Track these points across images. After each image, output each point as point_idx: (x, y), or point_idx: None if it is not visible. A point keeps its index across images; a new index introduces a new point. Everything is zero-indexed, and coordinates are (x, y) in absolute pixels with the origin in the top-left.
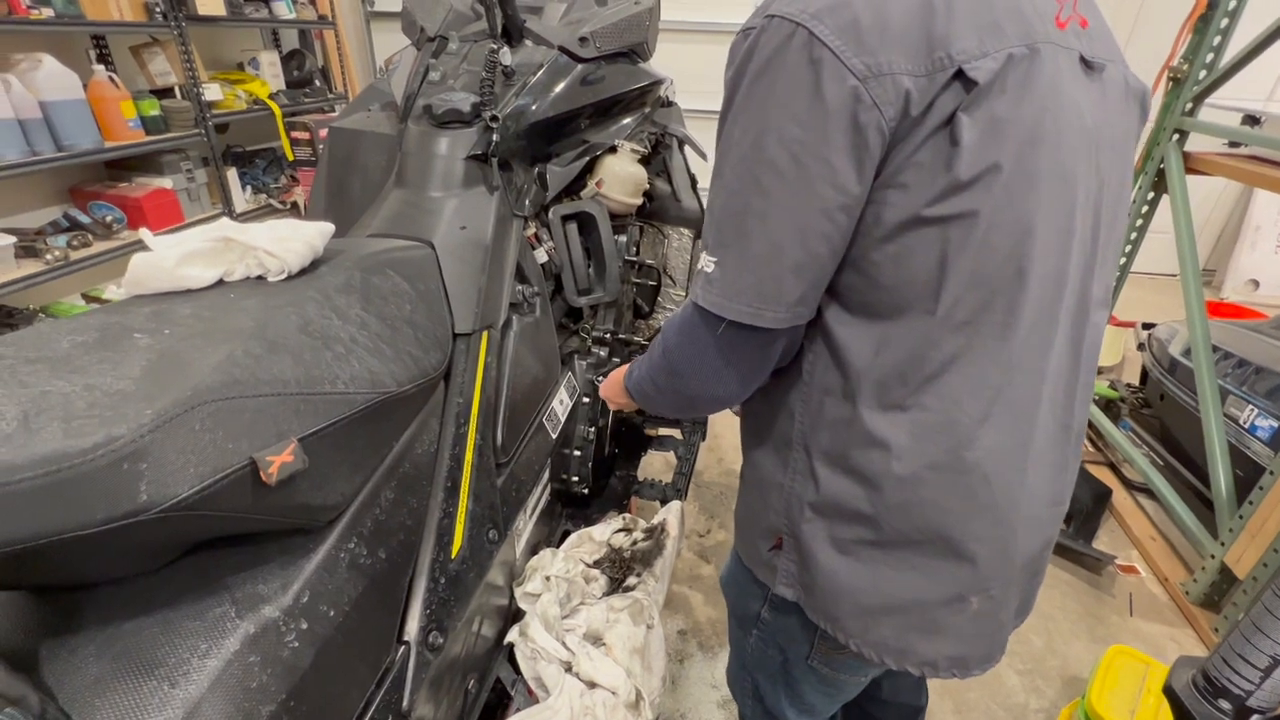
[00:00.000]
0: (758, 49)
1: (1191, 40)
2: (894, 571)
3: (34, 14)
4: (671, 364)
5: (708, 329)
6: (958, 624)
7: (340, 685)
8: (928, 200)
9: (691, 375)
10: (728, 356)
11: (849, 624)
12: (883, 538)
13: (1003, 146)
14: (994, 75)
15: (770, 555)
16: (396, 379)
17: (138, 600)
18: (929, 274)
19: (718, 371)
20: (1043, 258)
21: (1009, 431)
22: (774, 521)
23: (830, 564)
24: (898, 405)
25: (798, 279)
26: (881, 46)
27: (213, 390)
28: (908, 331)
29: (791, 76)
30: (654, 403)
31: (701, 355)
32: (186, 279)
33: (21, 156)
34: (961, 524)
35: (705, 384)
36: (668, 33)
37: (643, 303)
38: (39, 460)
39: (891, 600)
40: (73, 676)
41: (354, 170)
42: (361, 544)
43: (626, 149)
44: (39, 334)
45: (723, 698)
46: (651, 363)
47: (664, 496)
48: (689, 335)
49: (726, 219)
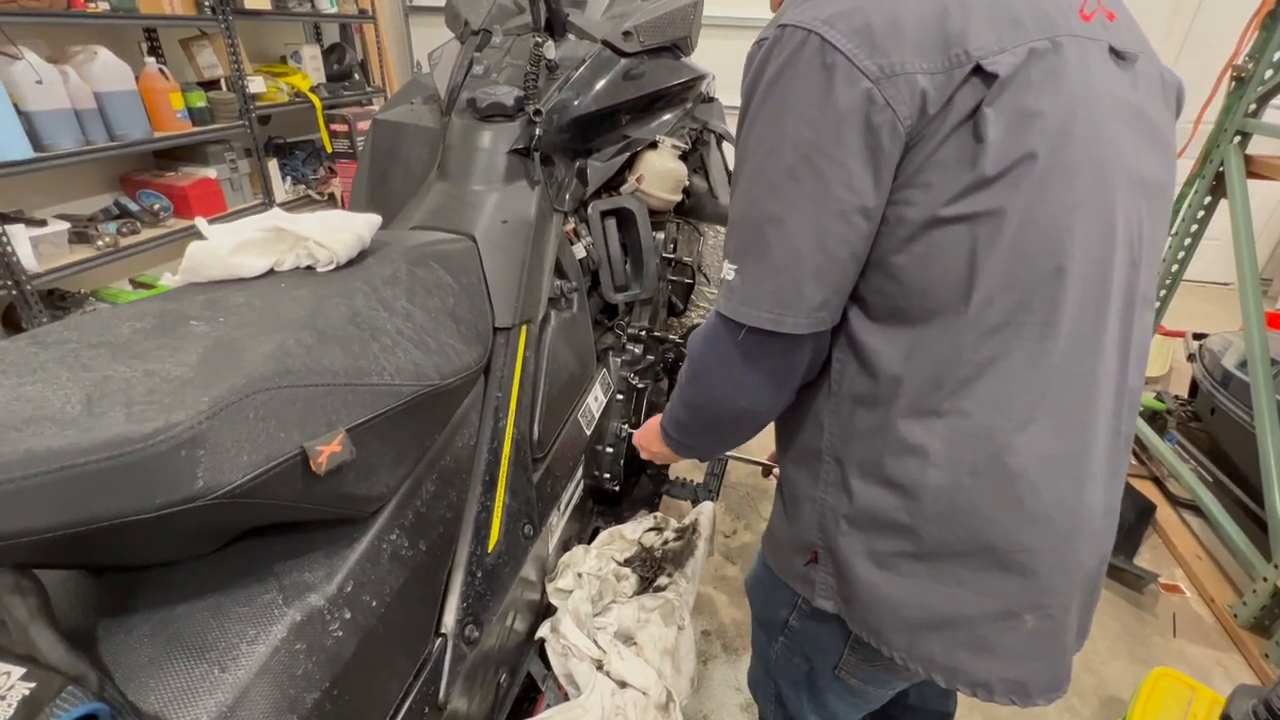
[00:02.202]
0: (771, 58)
1: (1258, 38)
2: (937, 585)
3: (91, 7)
4: (698, 377)
5: (730, 337)
6: (1011, 643)
7: (381, 675)
8: (951, 198)
9: (718, 388)
10: (752, 365)
11: (893, 638)
12: (923, 549)
13: (1033, 139)
14: (1015, 69)
15: (806, 569)
16: (440, 372)
17: (189, 584)
18: (958, 274)
19: (743, 382)
20: (1083, 254)
21: (1059, 437)
22: (808, 536)
23: (869, 578)
24: (933, 411)
25: (818, 284)
26: (895, 47)
27: (266, 379)
28: (940, 335)
29: (805, 82)
30: (687, 433)
31: (726, 365)
32: (239, 268)
33: (76, 145)
34: (1008, 534)
35: (733, 396)
36: (707, 28)
37: (677, 300)
38: (103, 444)
39: (936, 615)
40: (128, 656)
41: (396, 162)
42: (403, 536)
43: (667, 145)
44: (100, 320)
45: (746, 700)
46: (680, 387)
47: (695, 496)
48: (713, 345)
49: (745, 226)
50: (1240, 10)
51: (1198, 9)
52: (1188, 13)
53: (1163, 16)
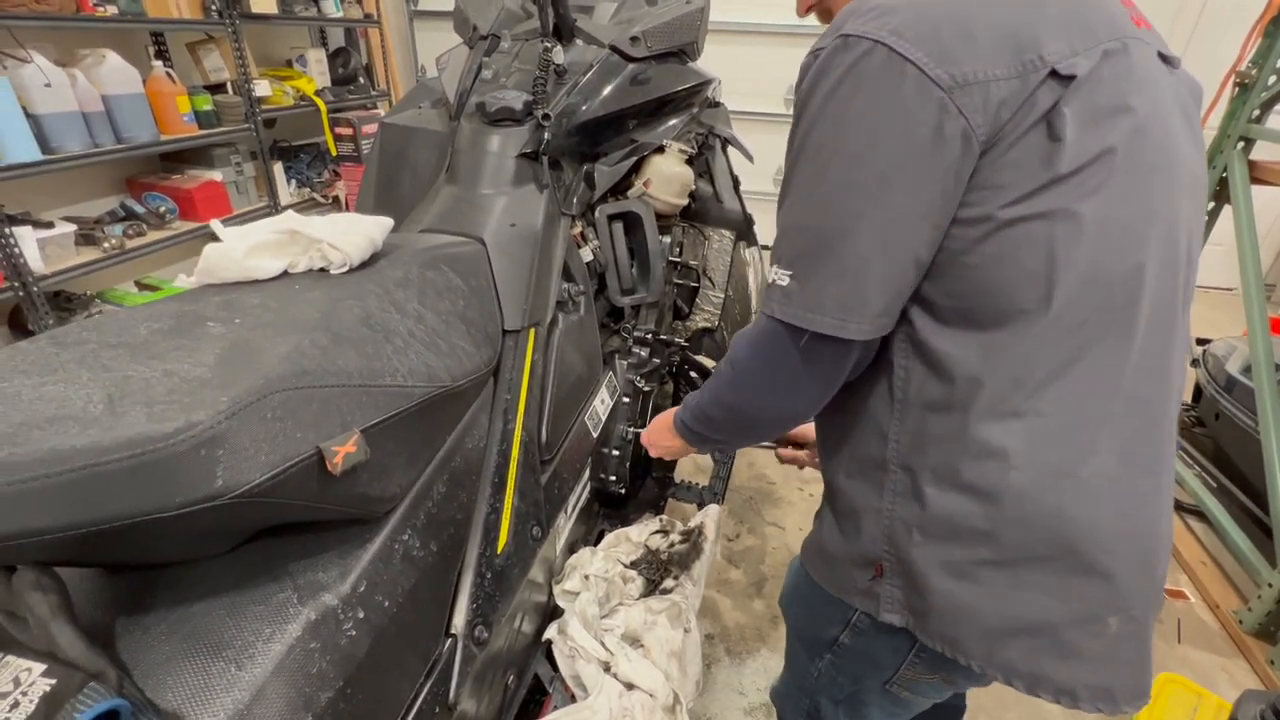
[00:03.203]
0: (832, 67)
1: (1261, 44)
2: (1018, 591)
3: (99, 11)
4: (745, 381)
5: (789, 342)
6: (1097, 648)
7: (393, 675)
8: (1025, 196)
9: (767, 391)
10: (806, 370)
11: (971, 646)
12: (1003, 556)
13: (1111, 136)
14: (1091, 70)
15: (871, 584)
16: (451, 373)
17: (206, 583)
18: (1036, 273)
19: (793, 386)
20: (1158, 249)
21: (1138, 435)
22: (871, 549)
23: (945, 588)
24: (1013, 413)
25: (881, 291)
26: (967, 57)
27: (283, 379)
28: (1018, 335)
29: (873, 92)
30: (715, 429)
31: (778, 370)
32: (254, 269)
33: (84, 148)
34: (1092, 535)
35: (780, 399)
36: (714, 33)
37: (682, 304)
38: (125, 443)
39: (1017, 621)
40: (146, 654)
41: (404, 166)
42: (415, 536)
43: (674, 149)
44: (118, 320)
45: (749, 704)
46: (716, 387)
47: (700, 500)
48: (766, 350)
49: (805, 233)
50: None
51: (1200, 15)
52: (1190, 19)
53: (1165, 23)
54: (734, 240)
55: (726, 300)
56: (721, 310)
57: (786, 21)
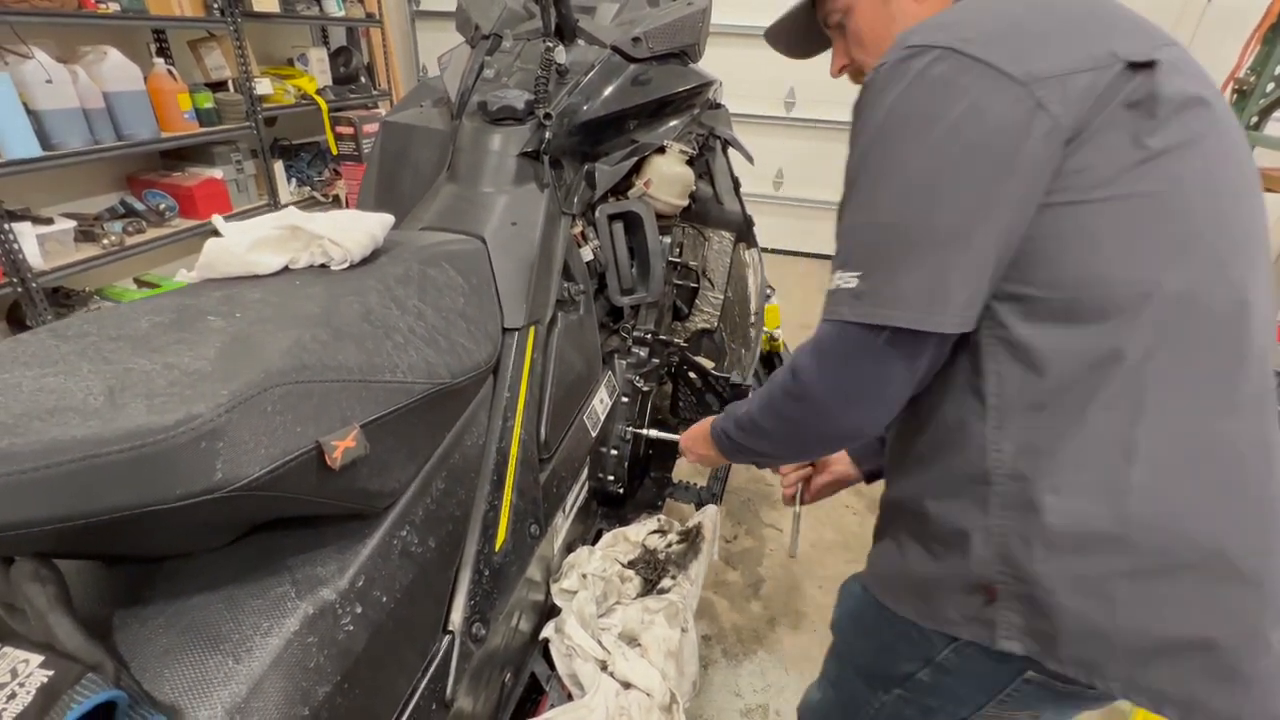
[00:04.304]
0: (901, 75)
1: (1260, 52)
2: (1160, 605)
3: (102, 8)
4: (809, 391)
5: (860, 345)
6: (1262, 669)
7: (390, 671)
8: (1116, 178)
9: (834, 401)
10: (880, 373)
11: (1111, 669)
12: (1139, 565)
13: (1195, 121)
14: (1166, 60)
15: (984, 610)
16: (451, 370)
17: (204, 576)
18: (1137, 255)
19: (864, 394)
20: (1245, 227)
21: (1259, 420)
22: (982, 572)
23: (1078, 607)
24: (1131, 403)
25: (964, 282)
26: (1039, 56)
27: (283, 373)
28: (1127, 320)
29: (949, 90)
30: (763, 441)
31: (848, 377)
32: (255, 265)
33: (85, 144)
34: (1237, 534)
35: (848, 410)
36: (715, 35)
37: (681, 304)
38: (126, 434)
39: (1163, 640)
40: (144, 646)
41: (405, 164)
42: (413, 532)
43: (675, 150)
44: (119, 314)
45: (745, 705)
46: (772, 397)
47: (698, 500)
48: (835, 356)
49: (880, 230)
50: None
51: (1199, 23)
52: (1189, 26)
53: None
54: (734, 241)
55: (726, 301)
56: (721, 311)
57: None
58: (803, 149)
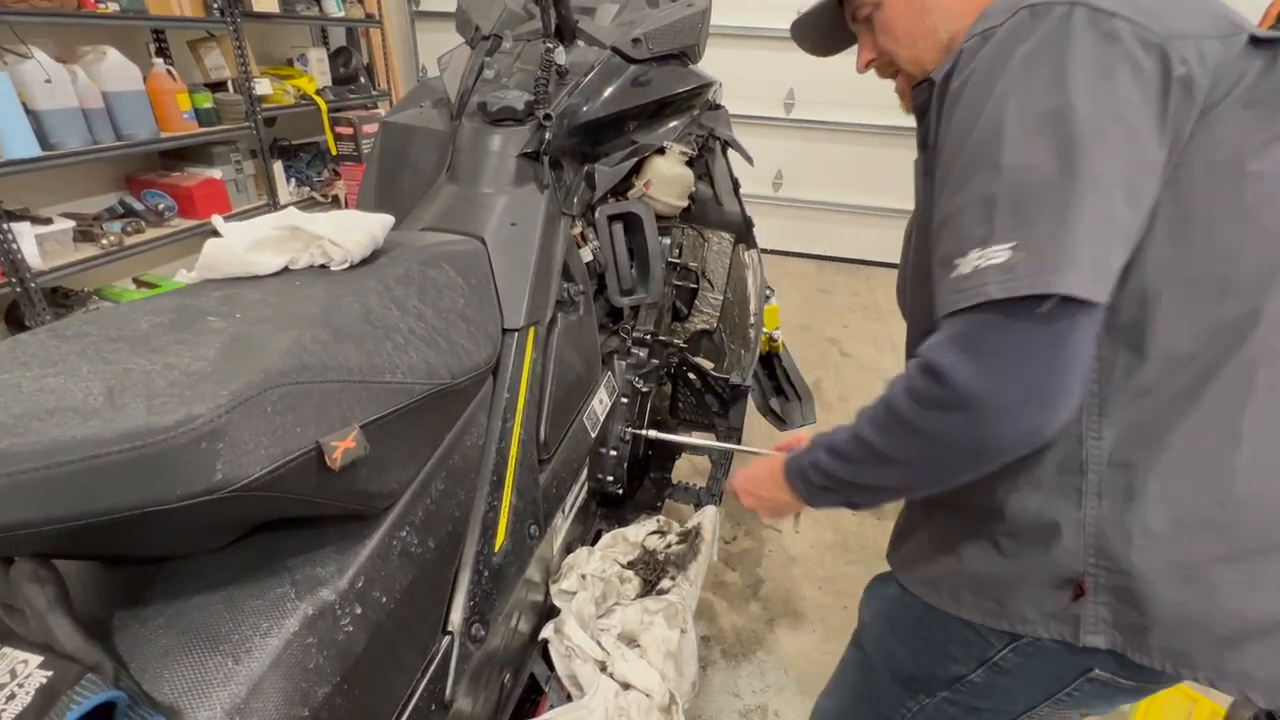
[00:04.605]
0: (1027, 34)
1: None
2: (1255, 589)
3: (101, 8)
4: (967, 397)
5: (1031, 322)
6: None
7: (389, 671)
8: (1248, 153)
9: (1006, 401)
10: (1059, 355)
11: (1201, 658)
12: (1237, 547)
13: None
14: None
15: (1071, 605)
16: (451, 371)
17: (204, 576)
18: (1261, 233)
19: (1048, 384)
20: None
21: None
22: (1070, 565)
23: (1172, 595)
24: (1242, 385)
25: (1109, 245)
26: (1171, 16)
27: (283, 374)
28: (1249, 300)
29: (1087, 43)
30: (881, 473)
31: (1023, 366)
32: (255, 265)
33: (84, 144)
34: None
35: (1025, 410)
36: (715, 36)
37: (681, 305)
38: (126, 435)
39: (1255, 623)
40: (143, 647)
41: (405, 165)
42: (413, 533)
43: (675, 151)
44: (118, 314)
45: (744, 706)
46: (892, 418)
47: (698, 501)
48: (1000, 345)
49: (1023, 196)
50: None
51: None
52: None
53: None
54: (733, 242)
55: (725, 302)
56: (720, 312)
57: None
58: (802, 150)
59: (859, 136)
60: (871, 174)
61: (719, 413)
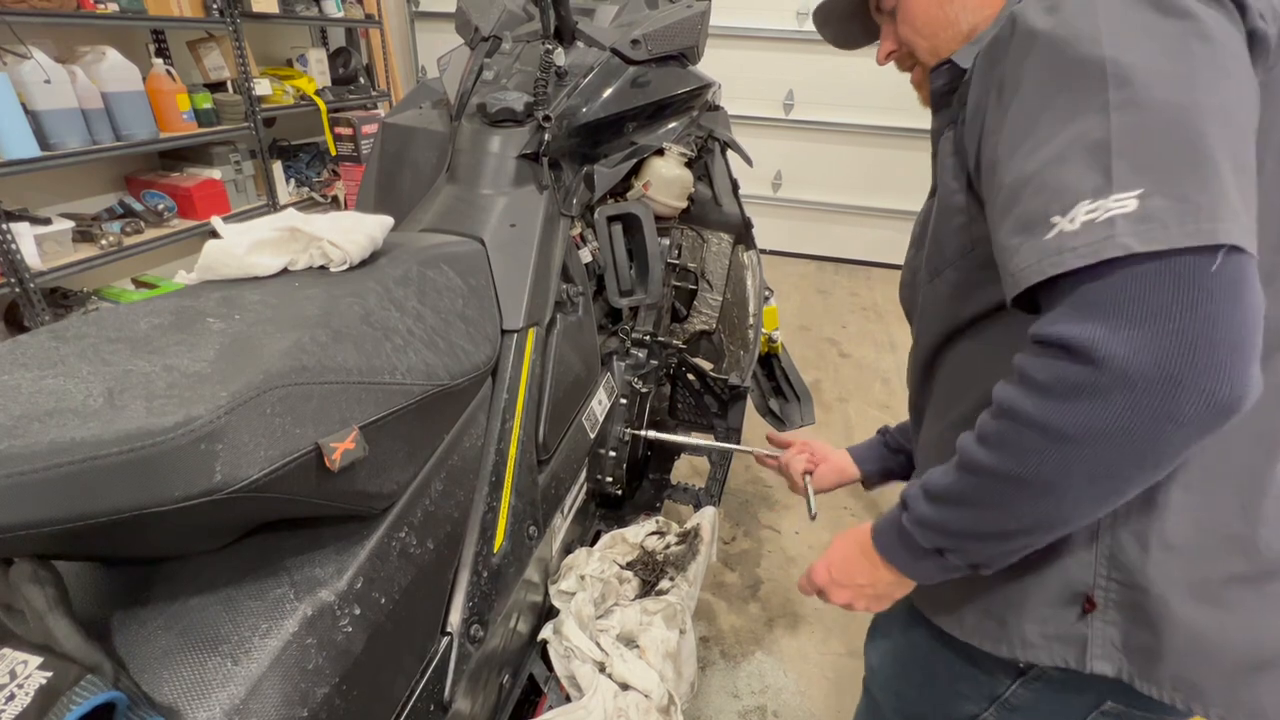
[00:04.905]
0: None
1: None
2: (1272, 614)
3: (100, 8)
4: (1129, 373)
5: (1189, 274)
6: None
7: (388, 672)
8: None
9: (1165, 371)
10: (1234, 309)
11: (1213, 691)
12: (1259, 569)
13: None
14: None
15: (1075, 625)
16: (450, 372)
17: (202, 577)
18: None
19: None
20: None
21: None
22: (1079, 578)
23: (1188, 616)
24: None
25: (1247, 194)
26: None
27: (283, 375)
28: None
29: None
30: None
31: (1188, 325)
32: (254, 266)
33: (83, 145)
34: None
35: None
36: (714, 37)
37: (680, 306)
38: (125, 436)
39: (1273, 652)
40: (142, 648)
41: (405, 165)
42: (412, 533)
43: (674, 152)
44: (118, 315)
45: (743, 707)
46: (1020, 427)
47: (697, 502)
48: (1147, 304)
49: (1148, 136)
50: None
51: None
52: None
53: None
54: (732, 243)
55: (724, 303)
56: (719, 313)
57: (786, 26)
58: (801, 151)
59: (858, 137)
60: (871, 175)
61: (718, 413)
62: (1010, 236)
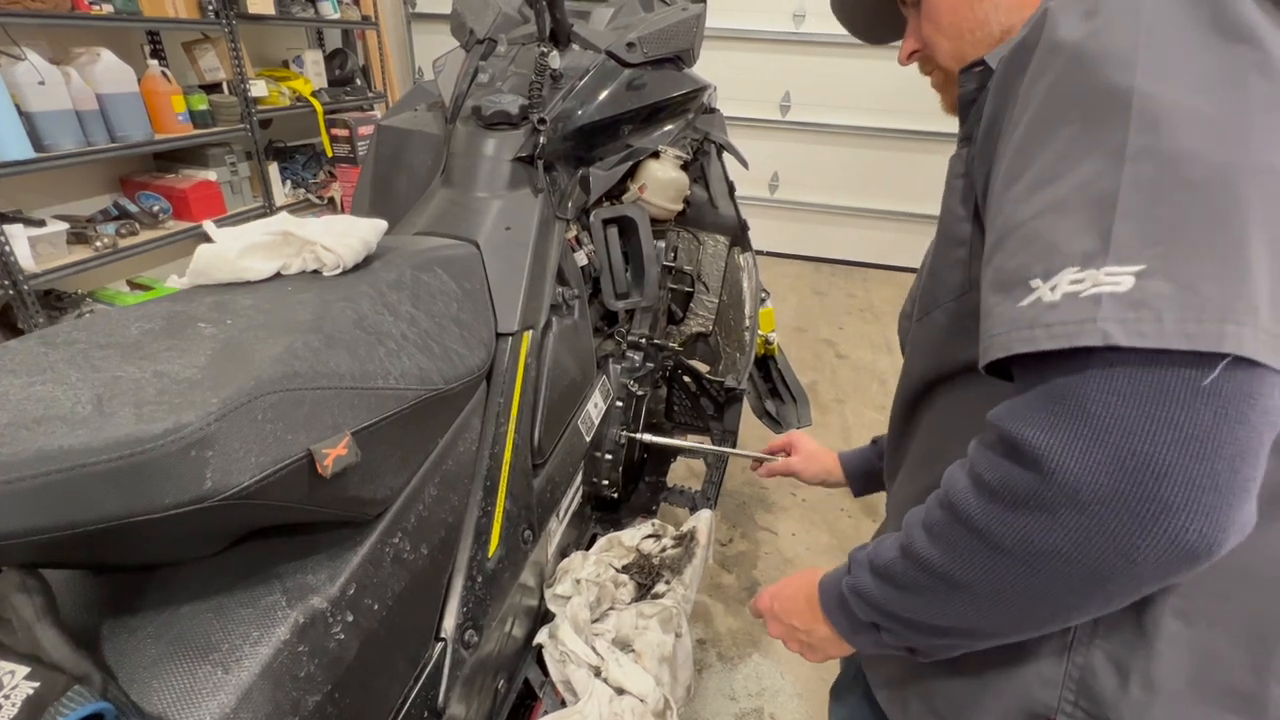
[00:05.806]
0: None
1: None
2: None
3: (95, 10)
4: (1076, 492)
5: (1175, 384)
6: None
7: (381, 679)
8: None
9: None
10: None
11: None
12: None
13: None
14: None
15: None
16: (444, 376)
17: (193, 585)
18: None
19: (1201, 474)
20: None
21: None
22: (1040, 698)
23: None
24: None
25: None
26: None
27: (274, 381)
28: None
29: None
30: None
31: (1158, 446)
32: (247, 271)
33: (77, 146)
34: None
35: (1166, 515)
36: (709, 40)
37: (676, 308)
38: (114, 443)
39: None
40: (132, 656)
41: (400, 168)
42: (405, 539)
43: (669, 154)
44: (108, 320)
45: (740, 710)
46: (956, 522)
47: (693, 504)
48: (1112, 414)
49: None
50: None
51: None
52: None
53: None
54: (728, 246)
55: (720, 305)
56: (715, 315)
57: (782, 28)
58: (798, 152)
59: (855, 139)
60: (867, 176)
61: (714, 416)
62: (989, 292)
